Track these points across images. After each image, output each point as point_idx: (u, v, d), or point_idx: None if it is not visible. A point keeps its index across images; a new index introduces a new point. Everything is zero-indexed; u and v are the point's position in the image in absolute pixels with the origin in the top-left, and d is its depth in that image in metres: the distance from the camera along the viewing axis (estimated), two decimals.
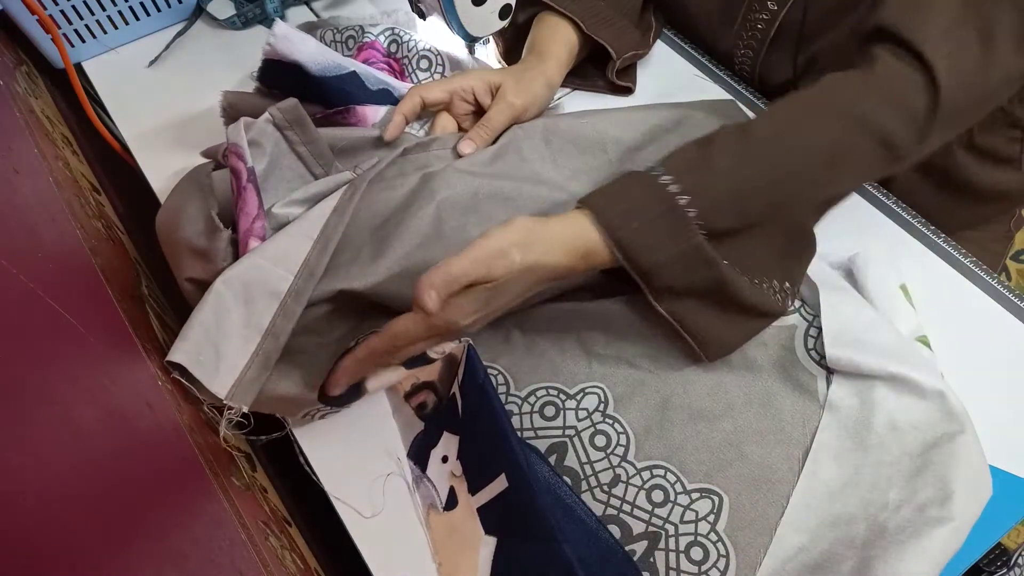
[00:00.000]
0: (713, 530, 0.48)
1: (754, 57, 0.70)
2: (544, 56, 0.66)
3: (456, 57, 0.70)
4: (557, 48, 0.66)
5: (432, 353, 0.50)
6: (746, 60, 0.71)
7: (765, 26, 0.67)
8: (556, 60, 0.66)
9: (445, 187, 0.54)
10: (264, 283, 0.47)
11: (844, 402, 0.51)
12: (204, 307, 0.47)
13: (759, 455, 0.50)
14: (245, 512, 0.48)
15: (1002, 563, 0.54)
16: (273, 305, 0.47)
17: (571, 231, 0.48)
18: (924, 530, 0.44)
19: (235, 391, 0.45)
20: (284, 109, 0.52)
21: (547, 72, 0.65)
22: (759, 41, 0.68)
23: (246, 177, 0.49)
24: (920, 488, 0.46)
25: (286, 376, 0.49)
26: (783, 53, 0.68)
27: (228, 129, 0.52)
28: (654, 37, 0.76)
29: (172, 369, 0.46)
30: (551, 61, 0.66)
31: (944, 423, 0.48)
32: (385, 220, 0.53)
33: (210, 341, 0.46)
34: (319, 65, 0.55)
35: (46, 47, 0.73)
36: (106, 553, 0.32)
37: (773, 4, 0.65)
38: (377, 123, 0.57)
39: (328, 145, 0.56)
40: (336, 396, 0.49)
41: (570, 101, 0.72)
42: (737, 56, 0.72)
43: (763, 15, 0.66)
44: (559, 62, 0.66)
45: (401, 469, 0.52)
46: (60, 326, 0.41)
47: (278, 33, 0.54)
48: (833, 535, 0.46)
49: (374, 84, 0.57)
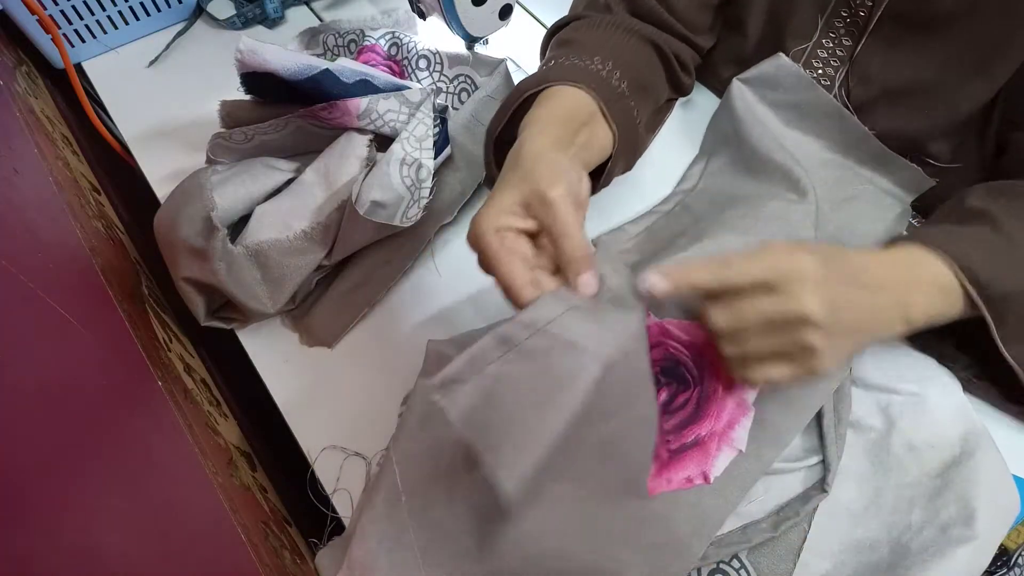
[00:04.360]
0: (736, 557, 0.47)
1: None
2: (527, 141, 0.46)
3: (456, 56, 0.70)
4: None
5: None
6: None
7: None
8: (540, 128, 0.48)
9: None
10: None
11: (864, 422, 0.50)
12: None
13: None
14: (244, 511, 0.48)
15: (1002, 563, 0.54)
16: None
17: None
18: (947, 550, 0.44)
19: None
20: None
21: (536, 141, 0.46)
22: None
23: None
24: (942, 508, 0.46)
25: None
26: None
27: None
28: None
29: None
30: (531, 131, 0.47)
31: (961, 441, 0.48)
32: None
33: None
34: (289, 71, 0.55)
35: (46, 47, 0.73)
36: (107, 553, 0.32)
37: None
38: (360, 114, 0.57)
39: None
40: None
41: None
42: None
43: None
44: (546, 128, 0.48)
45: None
46: (60, 326, 0.41)
47: (243, 48, 0.55)
48: (856, 560, 0.46)
49: (349, 77, 0.57)
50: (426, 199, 0.58)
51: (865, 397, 0.51)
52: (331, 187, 0.57)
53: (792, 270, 0.41)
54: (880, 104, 0.61)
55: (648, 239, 0.62)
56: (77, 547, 0.31)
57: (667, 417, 0.50)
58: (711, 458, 0.48)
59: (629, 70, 0.58)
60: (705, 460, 0.48)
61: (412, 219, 0.57)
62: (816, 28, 0.62)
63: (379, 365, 0.57)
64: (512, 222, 0.42)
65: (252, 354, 0.58)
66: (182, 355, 0.61)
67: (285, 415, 0.55)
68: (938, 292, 0.45)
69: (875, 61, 0.60)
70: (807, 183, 0.59)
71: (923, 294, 0.45)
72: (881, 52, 0.60)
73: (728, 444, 0.48)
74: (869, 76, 0.61)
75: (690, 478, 0.47)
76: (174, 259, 0.56)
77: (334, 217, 0.56)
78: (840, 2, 0.60)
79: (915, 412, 0.49)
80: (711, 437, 0.48)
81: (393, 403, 0.54)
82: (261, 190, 0.58)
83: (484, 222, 0.41)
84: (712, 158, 0.68)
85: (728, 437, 0.48)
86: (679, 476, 0.47)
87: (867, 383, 0.51)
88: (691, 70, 0.68)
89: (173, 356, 0.58)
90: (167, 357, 0.57)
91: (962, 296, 0.45)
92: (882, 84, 0.60)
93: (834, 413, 0.50)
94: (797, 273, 0.41)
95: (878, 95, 0.61)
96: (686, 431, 0.49)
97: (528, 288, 0.41)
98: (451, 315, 0.60)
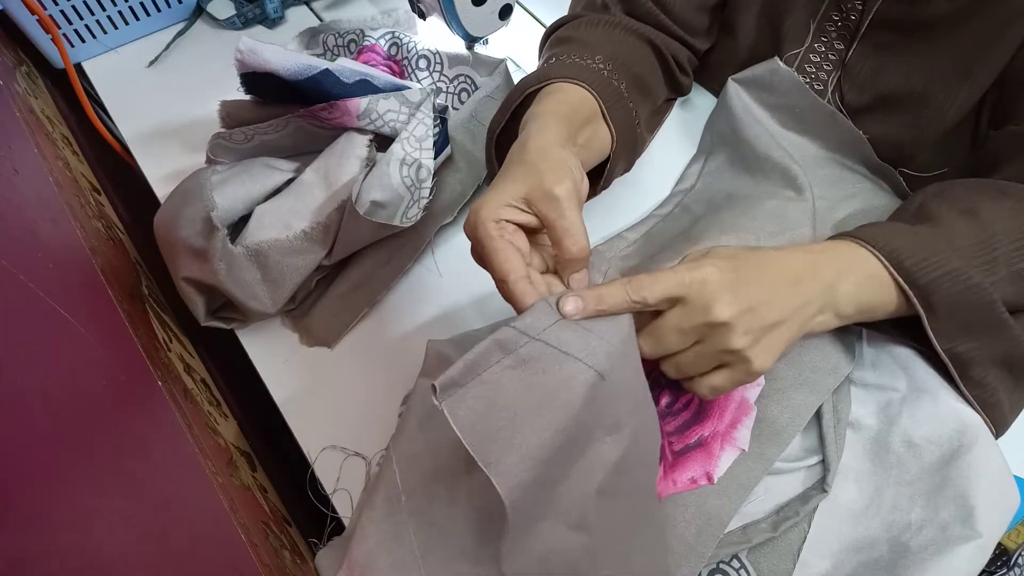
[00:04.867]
0: (736, 557, 0.47)
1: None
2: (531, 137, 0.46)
3: (456, 56, 0.70)
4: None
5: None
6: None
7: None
8: (542, 124, 0.47)
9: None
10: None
11: (864, 421, 0.50)
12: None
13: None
14: (244, 511, 0.48)
15: (1002, 563, 0.54)
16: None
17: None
18: (947, 548, 0.44)
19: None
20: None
21: (543, 137, 0.45)
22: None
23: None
24: (941, 507, 0.46)
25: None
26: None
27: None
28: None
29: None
30: (536, 125, 0.47)
31: (959, 435, 0.48)
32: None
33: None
34: (289, 71, 0.55)
35: (46, 47, 0.73)
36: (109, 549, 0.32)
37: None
38: (360, 114, 0.57)
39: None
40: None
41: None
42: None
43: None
44: (549, 123, 0.47)
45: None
46: (60, 326, 0.41)
47: (243, 48, 0.55)
48: (857, 559, 0.46)
49: (349, 77, 0.57)
50: (426, 199, 0.58)
51: (864, 396, 0.51)
52: (331, 187, 0.57)
53: (694, 281, 0.41)
54: (874, 110, 0.61)
55: (647, 242, 0.62)
56: (77, 547, 0.31)
57: (670, 419, 0.50)
58: (715, 458, 0.48)
59: (628, 70, 0.58)
60: (709, 461, 0.48)
61: (412, 219, 0.57)
62: (808, 32, 0.62)
63: (379, 365, 0.57)
64: (512, 215, 0.42)
65: (252, 354, 0.58)
66: (182, 355, 0.61)
67: (285, 415, 0.55)
68: (866, 280, 0.45)
69: (866, 66, 0.60)
70: (804, 180, 0.60)
71: (851, 283, 0.45)
72: (872, 57, 0.60)
73: (731, 444, 0.48)
74: (861, 82, 0.61)
75: (694, 479, 0.47)
76: (174, 259, 0.56)
77: (334, 217, 0.56)
78: (831, 6, 0.60)
79: (914, 409, 0.49)
80: (714, 437, 0.49)
81: (393, 403, 0.54)
82: (261, 190, 0.58)
83: (484, 211, 0.41)
84: (710, 157, 0.68)
85: (731, 437, 0.48)
86: (684, 477, 0.47)
87: (866, 382, 0.51)
88: (688, 71, 0.68)
89: (173, 356, 0.58)
90: (167, 357, 0.57)
91: (894, 286, 0.45)
92: (874, 90, 0.60)
93: (834, 413, 0.50)
94: (699, 284, 0.41)
95: (871, 102, 0.61)
96: (689, 432, 0.49)
97: (523, 282, 0.41)
98: (451, 315, 0.60)
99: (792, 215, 0.58)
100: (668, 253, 0.58)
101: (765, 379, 0.50)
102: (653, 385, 0.51)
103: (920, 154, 0.61)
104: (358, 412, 0.55)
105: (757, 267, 0.44)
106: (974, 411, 0.48)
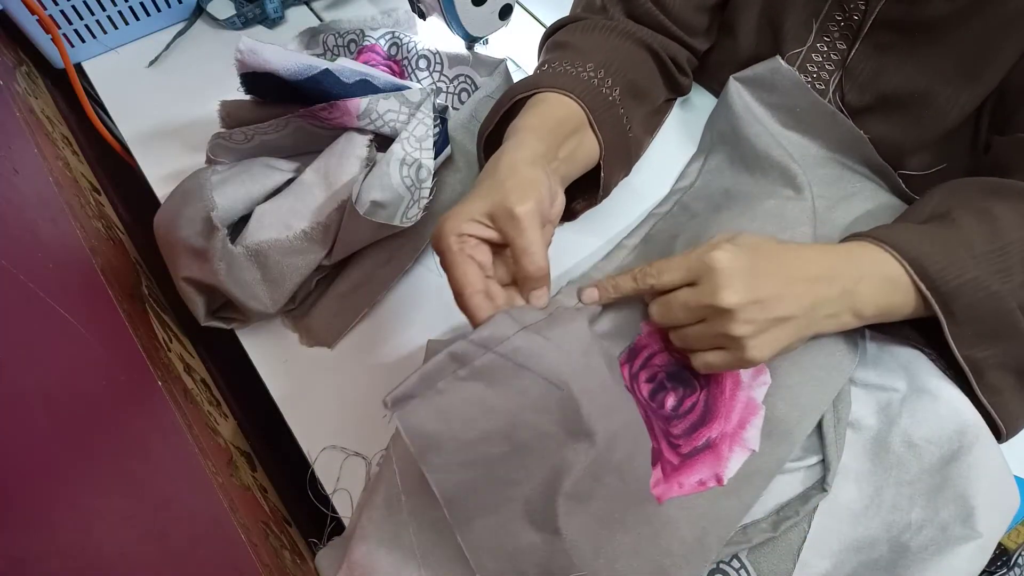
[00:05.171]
0: (736, 557, 0.47)
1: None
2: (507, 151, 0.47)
3: (456, 56, 0.70)
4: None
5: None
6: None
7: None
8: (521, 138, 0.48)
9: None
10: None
11: (864, 421, 0.50)
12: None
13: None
14: (244, 511, 0.48)
15: (1002, 563, 0.54)
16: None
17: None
18: (947, 548, 0.44)
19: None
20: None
21: (516, 153, 0.46)
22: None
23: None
24: (941, 507, 0.46)
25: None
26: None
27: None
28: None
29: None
30: (513, 141, 0.47)
31: (959, 435, 0.48)
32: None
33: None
34: (289, 71, 0.55)
35: (46, 47, 0.73)
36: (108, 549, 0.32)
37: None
38: (360, 114, 0.57)
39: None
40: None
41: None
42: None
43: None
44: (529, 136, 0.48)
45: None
46: (60, 326, 0.41)
47: (243, 48, 0.55)
48: (857, 559, 0.46)
49: (349, 77, 0.57)
50: (426, 199, 0.58)
51: (864, 396, 0.51)
52: (331, 187, 0.57)
53: (705, 265, 0.43)
54: (875, 111, 0.61)
55: (646, 246, 0.62)
56: (77, 547, 0.31)
57: (676, 422, 0.50)
58: (724, 460, 0.48)
59: (622, 76, 0.58)
60: (718, 463, 0.48)
61: (412, 219, 0.57)
62: (810, 32, 0.62)
63: (379, 365, 0.57)
64: (475, 230, 0.43)
65: (252, 354, 0.58)
66: (182, 355, 0.61)
67: (285, 415, 0.55)
68: (887, 284, 0.46)
69: (868, 66, 0.60)
70: (803, 180, 0.60)
71: (871, 286, 0.46)
72: (874, 57, 0.60)
73: (740, 445, 0.48)
74: (863, 82, 0.61)
75: (703, 481, 0.47)
76: (174, 259, 0.56)
77: (334, 217, 0.56)
78: (834, 6, 0.60)
79: (914, 409, 0.49)
80: (722, 439, 0.48)
81: None
82: (261, 190, 0.58)
83: (447, 225, 0.42)
84: (710, 155, 0.68)
85: (740, 438, 0.48)
86: (691, 480, 0.47)
87: (866, 382, 0.51)
88: (688, 71, 0.68)
89: (173, 356, 0.58)
90: (167, 357, 0.57)
91: (913, 290, 0.46)
92: (876, 90, 0.60)
93: (834, 413, 0.50)
94: (708, 268, 0.43)
95: (872, 102, 0.61)
96: (696, 434, 0.49)
97: (478, 296, 0.41)
98: (451, 315, 0.60)
99: (791, 214, 0.58)
100: (667, 254, 0.58)
101: (772, 377, 0.50)
102: (658, 389, 0.51)
103: (920, 154, 0.61)
104: (358, 412, 0.55)
105: (776, 260, 0.45)
106: (975, 411, 0.48)
